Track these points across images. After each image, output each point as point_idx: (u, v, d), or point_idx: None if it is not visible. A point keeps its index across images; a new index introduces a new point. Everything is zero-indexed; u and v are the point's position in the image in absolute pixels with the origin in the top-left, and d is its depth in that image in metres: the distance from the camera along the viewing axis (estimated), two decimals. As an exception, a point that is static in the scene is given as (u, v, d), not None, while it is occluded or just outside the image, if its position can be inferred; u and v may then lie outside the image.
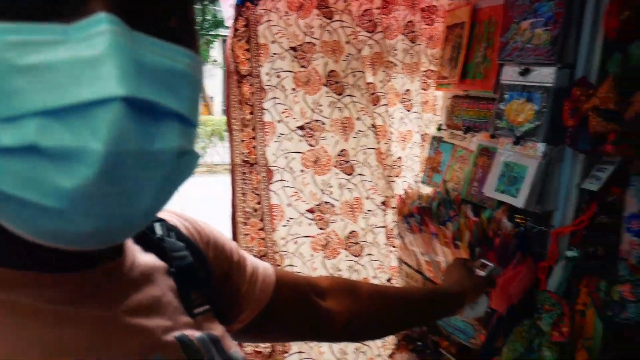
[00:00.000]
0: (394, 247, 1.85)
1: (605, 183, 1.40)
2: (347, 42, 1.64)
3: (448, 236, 1.55)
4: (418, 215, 1.72)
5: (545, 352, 1.39)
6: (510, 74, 1.55)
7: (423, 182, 2.02)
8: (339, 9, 1.60)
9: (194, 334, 0.56)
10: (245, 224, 1.54)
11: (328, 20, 1.57)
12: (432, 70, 1.98)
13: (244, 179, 1.53)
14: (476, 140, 1.75)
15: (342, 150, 1.68)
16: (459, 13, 1.77)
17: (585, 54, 1.39)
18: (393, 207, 1.84)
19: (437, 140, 1.96)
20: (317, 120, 1.61)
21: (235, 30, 1.49)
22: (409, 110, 1.93)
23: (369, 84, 1.70)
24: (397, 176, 1.96)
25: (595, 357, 1.40)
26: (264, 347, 1.56)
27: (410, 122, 1.99)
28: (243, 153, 1.51)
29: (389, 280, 1.80)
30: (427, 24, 1.93)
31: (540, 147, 1.47)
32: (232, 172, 1.54)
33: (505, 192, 1.55)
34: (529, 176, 1.48)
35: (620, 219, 1.35)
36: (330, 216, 1.68)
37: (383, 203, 1.77)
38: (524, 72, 1.50)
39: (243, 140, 1.50)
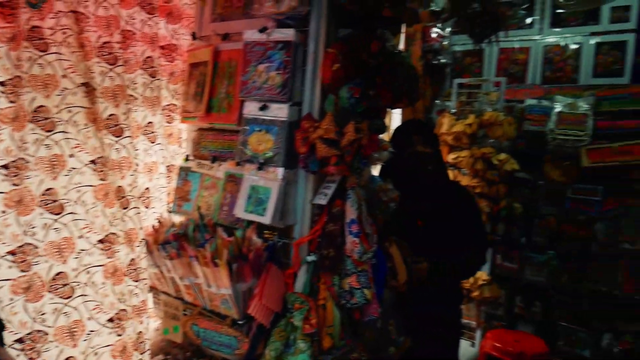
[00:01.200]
0: (136, 281, 1.82)
1: (331, 197, 1.75)
2: (64, 76, 1.61)
3: (207, 257, 1.64)
4: (175, 242, 1.76)
5: (300, 344, 1.62)
6: (251, 109, 1.78)
7: (173, 212, 2.07)
8: (57, 41, 1.56)
9: None
10: None
11: (40, 53, 1.51)
12: (174, 105, 2.07)
13: None
14: (223, 169, 1.91)
15: (48, 189, 1.60)
16: (201, 53, 1.93)
17: (309, 95, 1.72)
18: (139, 240, 1.83)
19: (185, 170, 2.05)
20: (21, 159, 1.49)
21: None
22: (153, 142, 1.96)
23: (111, 115, 1.68)
24: (147, 207, 1.96)
25: (337, 341, 1.71)
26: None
27: (155, 154, 2.02)
28: None
29: (110, 320, 1.75)
30: (168, 61, 2.02)
31: (280, 171, 1.73)
32: None
33: (253, 212, 1.76)
34: (272, 196, 1.72)
35: (343, 225, 1.71)
36: (34, 257, 1.55)
37: (100, 241, 1.74)
38: (263, 108, 1.75)
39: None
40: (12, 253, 1.44)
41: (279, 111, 1.73)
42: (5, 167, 1.44)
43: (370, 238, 1.71)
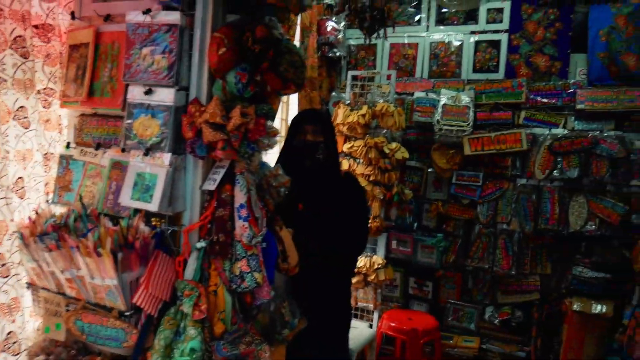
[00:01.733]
0: (6, 277, 1.70)
1: (220, 183, 1.75)
2: None
3: (89, 246, 1.57)
4: (54, 233, 1.66)
5: (190, 331, 1.61)
6: (135, 94, 1.73)
7: (54, 203, 1.94)
8: None
9: None
10: None
11: None
12: (52, 89, 1.94)
13: None
14: (108, 156, 1.83)
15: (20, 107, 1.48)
16: (81, 35, 1.83)
17: (196, 80, 1.71)
18: (10, 233, 1.70)
19: (66, 158, 1.93)
20: None
21: None
22: (26, 128, 1.83)
23: None
24: (21, 198, 1.82)
25: (229, 326, 1.72)
26: None
27: (29, 141, 1.89)
28: None
29: None
30: (44, 42, 1.89)
31: (167, 157, 1.69)
32: None
33: (140, 199, 1.71)
34: (159, 183, 1.68)
35: (233, 210, 1.72)
36: None
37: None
38: (148, 92, 1.70)
39: None
40: None
41: (165, 96, 1.70)
42: None
43: (260, 222, 1.74)
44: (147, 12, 1.66)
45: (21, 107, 1.79)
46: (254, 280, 1.70)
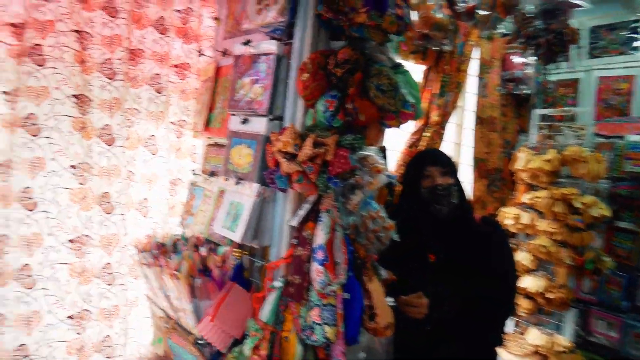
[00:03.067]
0: (109, 284, 1.86)
1: (305, 219, 1.61)
2: (56, 88, 1.75)
3: (171, 267, 1.61)
4: (156, 250, 1.77)
5: (245, 376, 1.48)
6: (234, 123, 1.75)
7: (180, 225, 2.09)
8: (54, 57, 1.72)
9: None
10: None
11: (38, 67, 1.67)
12: (184, 120, 2.14)
13: None
14: (216, 183, 1.89)
15: (26, 187, 1.72)
16: (208, 70, 1.97)
17: (291, 109, 1.63)
18: (121, 246, 1.89)
19: (193, 184, 2.07)
20: (9, 159, 1.65)
21: None
22: (154, 154, 2.04)
23: (105, 125, 1.79)
24: (144, 216, 2.01)
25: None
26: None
27: (156, 166, 2.08)
28: None
29: (70, 317, 1.77)
30: (180, 79, 2.10)
31: (255, 187, 1.64)
32: None
33: (228, 228, 1.69)
34: (245, 213, 1.64)
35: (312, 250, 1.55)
36: (5, 247, 1.66)
37: (70, 240, 1.82)
38: (244, 122, 1.70)
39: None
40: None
41: (258, 125, 1.67)
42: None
43: (339, 268, 1.53)
44: (246, 43, 1.68)
45: (151, 135, 2.00)
46: (323, 335, 1.49)
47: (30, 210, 1.69)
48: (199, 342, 1.63)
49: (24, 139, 1.66)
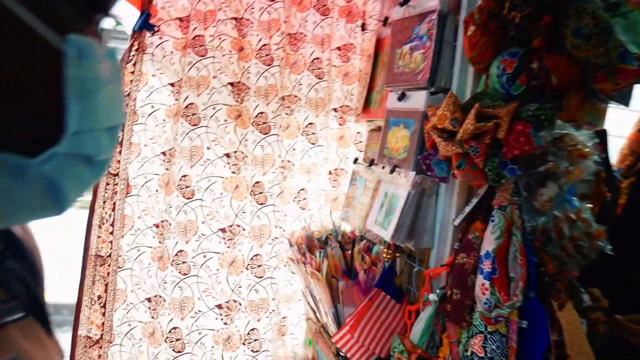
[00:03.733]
0: (259, 277, 1.80)
1: (472, 218, 1.25)
2: (214, 77, 1.72)
3: (312, 266, 1.43)
4: (304, 245, 1.61)
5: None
6: (392, 101, 1.47)
7: (342, 219, 1.91)
8: (214, 47, 1.70)
9: None
10: (100, 227, 1.61)
11: (199, 58, 1.66)
12: (347, 106, 1.94)
13: (106, 188, 1.59)
14: (375, 173, 1.64)
15: (184, 176, 1.71)
16: (369, 45, 1.73)
17: (458, 78, 1.29)
18: (272, 237, 1.82)
19: (355, 174, 1.87)
20: (172, 148, 1.68)
21: (129, 53, 1.56)
22: (313, 144, 1.90)
23: (260, 113, 1.72)
24: (302, 208, 1.88)
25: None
26: (94, 333, 1.60)
27: (315, 155, 1.94)
28: (110, 169, 1.58)
29: (219, 306, 1.71)
30: (343, 62, 1.91)
31: (411, 176, 1.35)
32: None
33: (380, 225, 1.43)
34: (398, 208, 1.36)
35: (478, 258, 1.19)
36: (167, 233, 1.67)
37: (222, 230, 1.81)
38: (401, 97, 1.42)
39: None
40: (155, 226, 1.62)
41: (417, 100, 1.37)
42: (163, 153, 1.65)
43: (514, 286, 1.12)
44: (404, 2, 1.39)
45: (310, 123, 1.86)
46: (487, 371, 1.11)
47: (188, 199, 1.73)
48: (340, 354, 1.41)
49: (185, 128, 1.69)
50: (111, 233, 1.59)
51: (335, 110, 1.90)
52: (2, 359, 0.43)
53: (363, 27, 1.81)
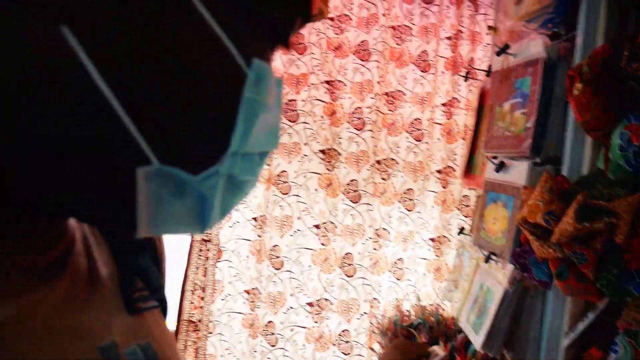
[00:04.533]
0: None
1: (588, 340, 0.91)
2: (305, 144, 1.67)
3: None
4: (391, 334, 1.38)
5: None
6: (490, 170, 1.20)
7: (445, 298, 1.63)
8: (305, 111, 1.65)
9: (126, 343, 0.44)
10: (193, 293, 1.62)
11: (291, 124, 1.60)
12: (450, 167, 1.68)
13: (200, 255, 1.58)
14: (476, 251, 1.36)
15: (274, 246, 1.68)
16: (473, 98, 1.47)
17: (571, 145, 0.99)
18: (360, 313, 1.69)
19: (461, 246, 1.60)
20: (262, 215, 1.63)
21: None
22: (409, 210, 1.72)
23: (351, 181, 1.66)
24: (398, 279, 1.67)
25: None
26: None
27: (412, 223, 1.74)
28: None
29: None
30: (447, 119, 1.71)
31: (508, 270, 1.06)
32: (191, 246, 1.60)
33: (472, 325, 1.15)
34: (491, 308, 1.07)
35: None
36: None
37: (309, 304, 1.72)
38: (499, 168, 1.14)
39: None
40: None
41: (518, 173, 1.08)
42: (254, 219, 1.62)
43: None
44: (501, 50, 1.12)
45: (408, 189, 1.70)
46: None
47: (277, 269, 1.66)
48: None
49: (276, 196, 1.64)
50: (202, 298, 1.62)
51: (439, 172, 1.67)
52: (139, 344, 0.45)
53: (466, 78, 1.55)
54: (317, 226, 1.68)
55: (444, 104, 1.67)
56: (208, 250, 1.64)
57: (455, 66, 1.65)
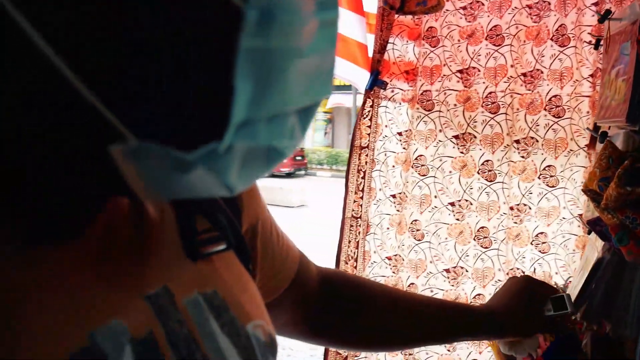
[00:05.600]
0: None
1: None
2: (440, 131, 1.77)
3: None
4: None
5: None
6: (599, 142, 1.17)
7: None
8: (439, 101, 1.77)
9: (186, 292, 0.39)
10: (346, 263, 1.85)
11: (426, 112, 1.78)
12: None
13: (350, 230, 1.85)
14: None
15: (415, 220, 1.84)
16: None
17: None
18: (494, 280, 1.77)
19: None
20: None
21: (362, 110, 1.80)
22: (552, 187, 1.70)
23: (486, 161, 1.76)
24: (542, 252, 1.70)
25: None
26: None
27: (555, 199, 1.73)
28: (353, 210, 1.84)
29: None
30: (592, 88, 1.61)
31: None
32: (343, 223, 1.86)
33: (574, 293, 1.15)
34: (583, 272, 1.08)
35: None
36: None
37: (446, 270, 1.84)
38: (602, 139, 1.11)
39: (355, 201, 1.85)
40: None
41: (619, 144, 1.05)
42: (393, 196, 1.86)
43: None
44: (604, 17, 1.09)
45: (548, 166, 1.69)
46: None
47: (418, 240, 1.84)
48: None
49: (414, 177, 1.81)
50: (355, 267, 1.85)
51: (587, 146, 1.63)
52: (203, 292, 0.40)
53: (597, 45, 1.44)
54: (452, 204, 1.81)
55: (591, 75, 1.60)
56: (359, 225, 1.88)
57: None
